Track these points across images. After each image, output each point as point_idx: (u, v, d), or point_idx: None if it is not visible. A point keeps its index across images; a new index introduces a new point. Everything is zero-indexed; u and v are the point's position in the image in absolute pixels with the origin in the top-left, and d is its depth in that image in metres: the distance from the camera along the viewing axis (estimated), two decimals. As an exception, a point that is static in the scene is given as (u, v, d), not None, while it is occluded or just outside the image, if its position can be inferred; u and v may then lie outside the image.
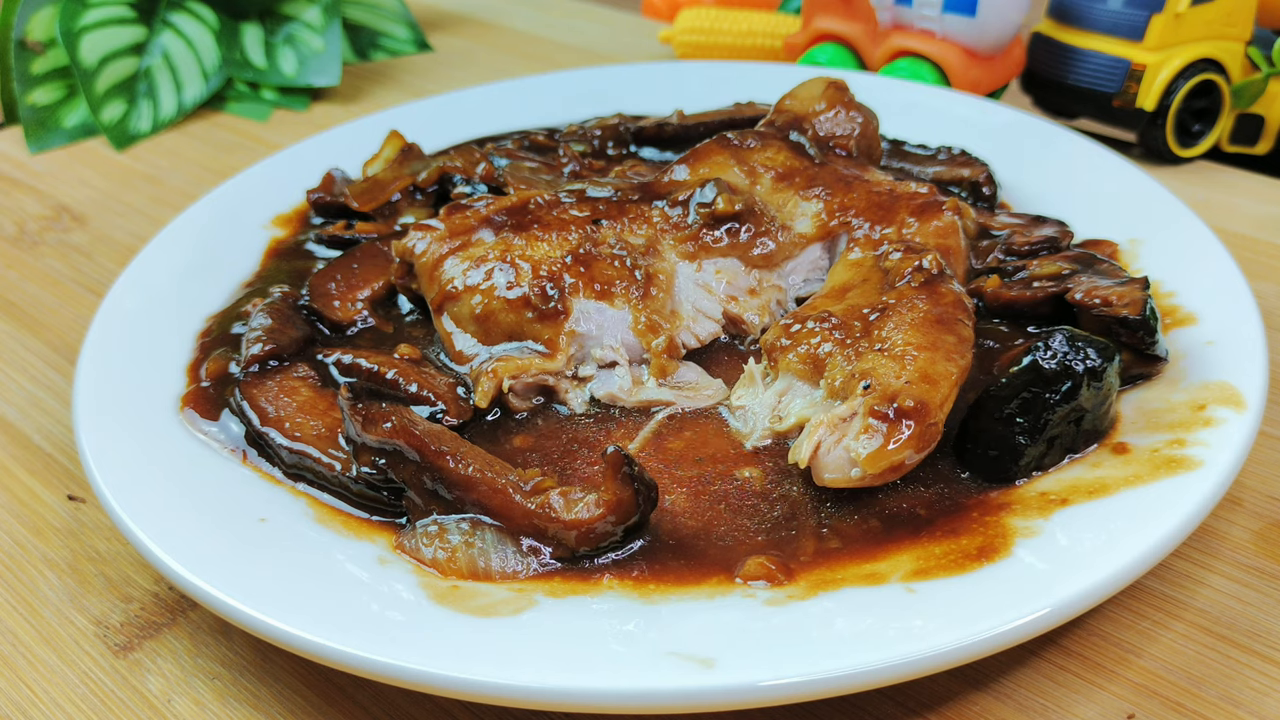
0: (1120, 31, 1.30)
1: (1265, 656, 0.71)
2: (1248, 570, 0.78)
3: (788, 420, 0.82)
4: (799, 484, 0.79)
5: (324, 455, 0.80)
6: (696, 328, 0.94)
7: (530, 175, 1.15)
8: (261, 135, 1.56)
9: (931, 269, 0.87)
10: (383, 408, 0.77)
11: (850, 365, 0.80)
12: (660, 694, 0.61)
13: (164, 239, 1.09)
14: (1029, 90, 1.45)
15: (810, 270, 1.00)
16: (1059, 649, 0.72)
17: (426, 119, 1.36)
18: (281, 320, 0.94)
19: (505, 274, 0.90)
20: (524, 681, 0.62)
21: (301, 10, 1.68)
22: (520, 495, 0.73)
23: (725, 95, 1.35)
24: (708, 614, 0.68)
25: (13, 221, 1.36)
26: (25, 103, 1.54)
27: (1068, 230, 1.02)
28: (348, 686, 0.73)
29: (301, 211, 1.19)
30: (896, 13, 1.41)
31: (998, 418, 0.76)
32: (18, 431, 0.99)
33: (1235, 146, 1.37)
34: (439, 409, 0.86)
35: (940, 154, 1.19)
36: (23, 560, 0.85)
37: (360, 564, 0.73)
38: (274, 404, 0.85)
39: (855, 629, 0.65)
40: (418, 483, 0.75)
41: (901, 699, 0.70)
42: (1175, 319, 0.89)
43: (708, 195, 0.98)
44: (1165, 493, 0.71)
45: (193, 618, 0.79)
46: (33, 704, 0.73)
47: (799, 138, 1.07)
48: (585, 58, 1.80)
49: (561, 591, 0.70)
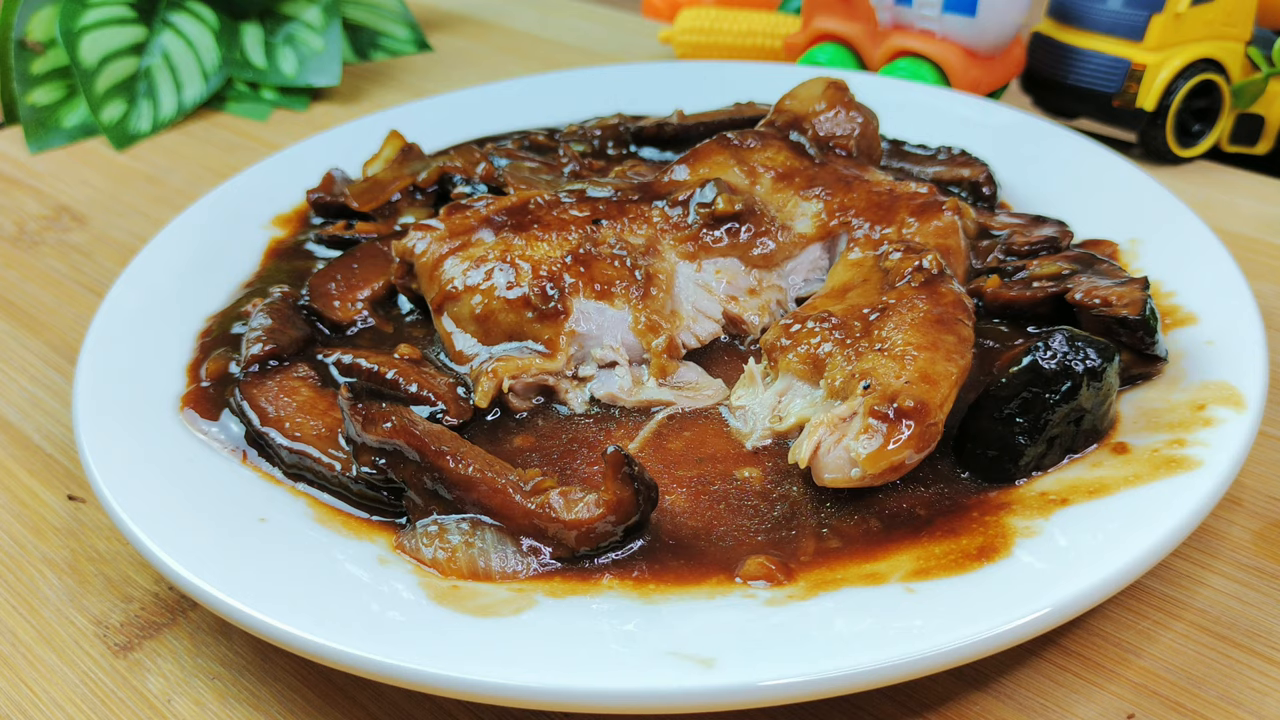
0: (1120, 31, 1.30)
1: (1265, 656, 0.71)
2: (1247, 570, 0.78)
3: (788, 420, 0.82)
4: (799, 484, 0.79)
5: (324, 455, 0.80)
6: (696, 328, 0.94)
7: (530, 175, 1.15)
8: (261, 135, 1.56)
9: (931, 269, 0.87)
10: (383, 408, 0.77)
11: (850, 365, 0.80)
12: (660, 694, 0.61)
13: (164, 239, 1.09)
14: (1029, 90, 1.45)
15: (810, 270, 1.00)
16: (1059, 649, 0.72)
17: (426, 119, 1.36)
18: (281, 320, 0.94)
19: (505, 274, 0.90)
20: (524, 681, 0.62)
21: (301, 10, 1.68)
22: (520, 495, 0.73)
23: (725, 95, 1.35)
24: (708, 614, 0.68)
25: (13, 221, 1.36)
26: (25, 103, 1.54)
27: (1068, 230, 1.02)
28: (348, 686, 0.73)
29: (301, 211, 1.19)
30: (896, 13, 1.41)
31: (997, 418, 0.76)
32: (18, 431, 0.99)
33: (1235, 146, 1.37)
34: (439, 409, 0.86)
35: (940, 154, 1.19)
36: (23, 560, 0.85)
37: (360, 564, 0.73)
38: (274, 404, 0.85)
39: (855, 629, 0.65)
40: (418, 482, 0.75)
41: (901, 699, 0.70)
42: (1175, 319, 0.89)
43: (708, 195, 0.98)
44: (1165, 493, 0.71)
45: (193, 617, 0.79)
46: (33, 704, 0.73)
47: (799, 138, 1.07)
48: (585, 58, 1.80)
49: (561, 591, 0.70)
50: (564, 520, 0.72)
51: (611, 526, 0.72)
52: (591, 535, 0.72)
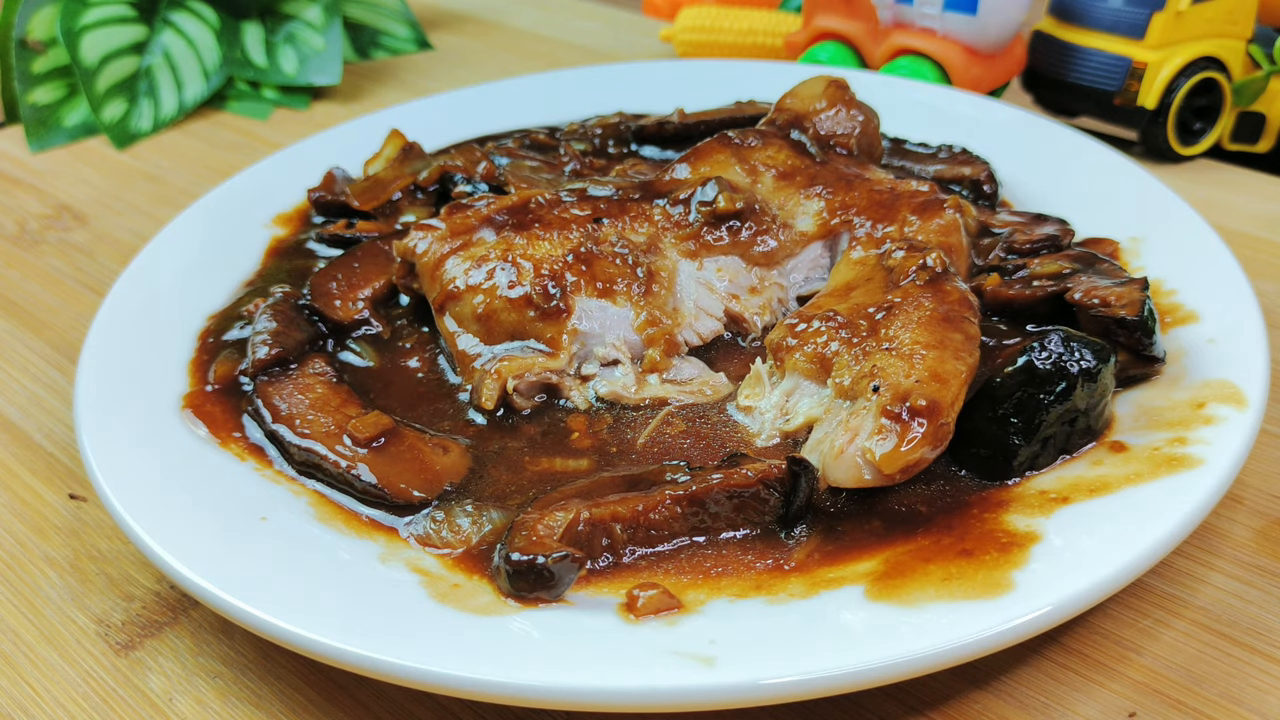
0: (1121, 29, 1.30)
1: (1266, 654, 0.71)
2: (1249, 568, 0.78)
3: (795, 420, 0.82)
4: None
5: (330, 452, 0.81)
6: (698, 325, 0.94)
7: (531, 174, 1.15)
8: (262, 134, 1.56)
9: (936, 267, 0.87)
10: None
11: (858, 365, 0.79)
12: (661, 692, 0.61)
13: (165, 238, 1.09)
14: (1030, 88, 1.45)
15: (811, 269, 1.00)
16: (1060, 647, 0.72)
17: (427, 118, 1.36)
18: (286, 323, 0.94)
19: (507, 273, 0.90)
20: (525, 680, 0.62)
21: (302, 9, 1.68)
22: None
23: (726, 94, 1.35)
24: (708, 612, 0.68)
25: (14, 220, 1.36)
26: (26, 102, 1.54)
27: (1069, 228, 1.01)
28: (349, 684, 0.73)
29: (302, 210, 1.19)
30: (897, 11, 1.40)
31: (991, 417, 0.76)
32: (19, 430, 0.99)
33: (1236, 145, 1.37)
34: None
35: (941, 152, 1.19)
36: (24, 559, 0.85)
37: (362, 562, 0.73)
38: (287, 401, 0.86)
39: (856, 627, 0.65)
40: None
41: (903, 697, 0.70)
42: (1176, 317, 0.89)
43: (709, 194, 0.98)
44: (1166, 491, 0.71)
45: (194, 616, 0.79)
46: (34, 703, 0.73)
47: (800, 136, 1.06)
48: (586, 56, 1.80)
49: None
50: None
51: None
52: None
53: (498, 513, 0.77)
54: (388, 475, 0.80)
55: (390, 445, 0.82)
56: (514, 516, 0.75)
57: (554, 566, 0.68)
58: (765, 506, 0.74)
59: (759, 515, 0.74)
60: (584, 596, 0.70)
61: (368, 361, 0.95)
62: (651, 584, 0.69)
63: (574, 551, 0.69)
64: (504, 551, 0.70)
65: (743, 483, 0.73)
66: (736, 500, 0.73)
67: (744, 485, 0.73)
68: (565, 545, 0.70)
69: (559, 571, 0.68)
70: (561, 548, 0.69)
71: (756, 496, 0.73)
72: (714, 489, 0.73)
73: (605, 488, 0.76)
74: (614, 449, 0.84)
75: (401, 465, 0.81)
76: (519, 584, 0.69)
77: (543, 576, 0.68)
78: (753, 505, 0.74)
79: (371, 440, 0.82)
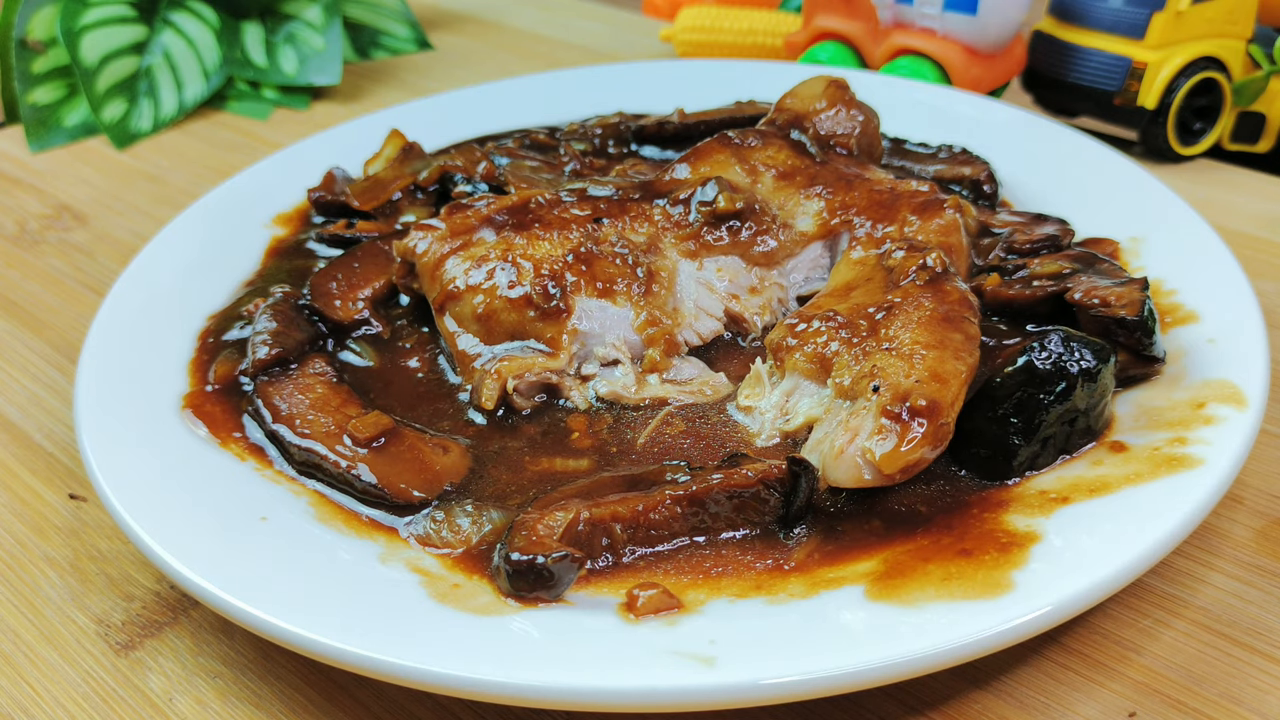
0: (1121, 29, 1.30)
1: (1266, 654, 0.71)
2: (1249, 568, 0.78)
3: (796, 420, 0.82)
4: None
5: (330, 452, 0.81)
6: (698, 325, 0.94)
7: (531, 174, 1.15)
8: (262, 134, 1.56)
9: (936, 267, 0.87)
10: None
11: (858, 365, 0.79)
12: (661, 692, 0.61)
13: (165, 238, 1.09)
14: (1030, 88, 1.45)
15: (811, 269, 1.00)
16: (1060, 647, 0.72)
17: (427, 118, 1.36)
18: (286, 323, 0.94)
19: (507, 273, 0.90)
20: (525, 680, 0.62)
21: (302, 9, 1.68)
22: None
23: (726, 94, 1.35)
24: (708, 612, 0.68)
25: (14, 220, 1.36)
26: (26, 102, 1.54)
27: (1069, 228, 1.01)
28: (349, 684, 0.73)
29: (302, 210, 1.19)
30: (897, 11, 1.40)
31: (991, 417, 0.76)
32: (19, 430, 0.99)
33: (1236, 145, 1.37)
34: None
35: (941, 152, 1.19)
36: (24, 559, 0.85)
37: (362, 562, 0.73)
38: (287, 401, 0.86)
39: (856, 627, 0.65)
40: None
41: (903, 697, 0.70)
42: (1176, 317, 0.89)
43: (709, 194, 0.98)
44: (1166, 491, 0.71)
45: (194, 616, 0.79)
46: (34, 702, 0.73)
47: (800, 136, 1.06)
48: (586, 56, 1.80)
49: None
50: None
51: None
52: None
53: (498, 513, 0.77)
54: (388, 475, 0.80)
55: (390, 445, 0.82)
56: (514, 516, 0.75)
57: (554, 566, 0.68)
58: (765, 506, 0.74)
59: (759, 515, 0.74)
60: (584, 596, 0.70)
61: (368, 361, 0.95)
62: (651, 584, 0.69)
63: (574, 551, 0.69)
64: (504, 551, 0.70)
65: (743, 483, 0.73)
66: (736, 500, 0.73)
67: (744, 485, 0.73)
68: (565, 545, 0.70)
69: (559, 571, 0.68)
70: (561, 548, 0.69)
71: (756, 496, 0.73)
72: (714, 489, 0.73)
73: (605, 488, 0.75)
74: (614, 449, 0.84)
75: (401, 465, 0.81)
76: (519, 584, 0.69)
77: (543, 576, 0.68)
78: (753, 505, 0.74)
79: (371, 440, 0.82)
